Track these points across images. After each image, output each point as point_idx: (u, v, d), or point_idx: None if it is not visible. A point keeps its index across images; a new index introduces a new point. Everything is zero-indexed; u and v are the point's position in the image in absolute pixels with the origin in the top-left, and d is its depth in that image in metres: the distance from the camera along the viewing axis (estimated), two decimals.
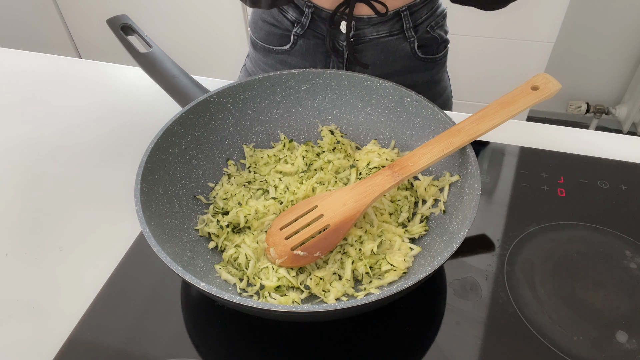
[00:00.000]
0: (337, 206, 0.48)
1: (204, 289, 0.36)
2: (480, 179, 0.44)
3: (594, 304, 0.46)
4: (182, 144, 0.53)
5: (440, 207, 0.50)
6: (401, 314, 0.45)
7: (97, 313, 0.47)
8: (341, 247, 0.48)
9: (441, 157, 0.48)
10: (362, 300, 0.35)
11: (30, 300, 0.48)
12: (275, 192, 0.54)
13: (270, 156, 0.58)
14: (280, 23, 0.74)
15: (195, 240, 0.50)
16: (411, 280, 0.36)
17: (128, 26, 0.62)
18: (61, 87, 0.79)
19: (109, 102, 0.75)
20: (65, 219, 0.57)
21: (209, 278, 0.46)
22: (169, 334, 0.45)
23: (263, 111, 0.59)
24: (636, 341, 0.43)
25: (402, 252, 0.47)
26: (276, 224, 0.49)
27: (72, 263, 0.52)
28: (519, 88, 0.49)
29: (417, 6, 0.70)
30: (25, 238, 0.55)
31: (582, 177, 0.58)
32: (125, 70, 0.82)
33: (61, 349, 0.44)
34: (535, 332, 0.44)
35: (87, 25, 2.01)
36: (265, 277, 0.46)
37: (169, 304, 0.47)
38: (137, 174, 0.45)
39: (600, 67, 1.95)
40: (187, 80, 0.58)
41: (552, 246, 0.51)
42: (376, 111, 0.58)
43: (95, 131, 0.70)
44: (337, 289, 0.45)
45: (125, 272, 0.50)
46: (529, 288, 0.47)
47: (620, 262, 0.49)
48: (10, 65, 0.84)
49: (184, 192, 0.52)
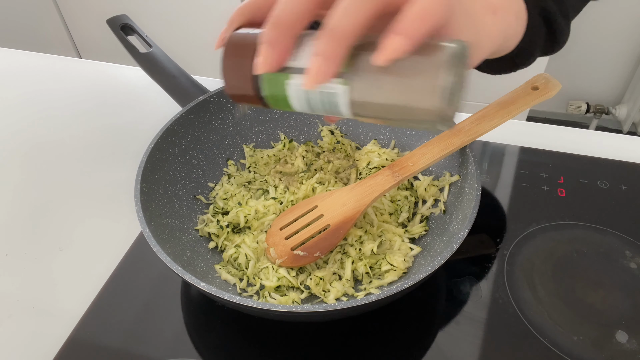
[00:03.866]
0: (337, 206, 0.48)
1: (204, 289, 0.36)
2: (480, 179, 0.44)
3: (594, 304, 0.46)
4: (182, 144, 0.53)
5: (440, 207, 0.50)
6: (401, 314, 0.45)
7: (97, 313, 0.47)
8: (341, 247, 0.48)
9: (441, 157, 0.48)
10: (362, 300, 0.35)
11: (30, 300, 0.48)
12: (275, 192, 0.54)
13: (270, 156, 0.58)
14: None
15: (195, 240, 0.50)
16: (411, 280, 0.36)
17: (128, 26, 0.62)
18: (61, 87, 0.79)
19: (109, 102, 0.75)
20: (65, 219, 0.57)
21: (209, 278, 0.46)
22: (169, 334, 0.45)
23: (263, 111, 0.59)
24: (636, 341, 0.43)
25: (402, 252, 0.47)
26: (276, 224, 0.49)
27: (72, 263, 0.52)
28: (519, 88, 0.49)
29: None
30: (25, 238, 0.55)
31: (582, 177, 0.58)
32: (125, 70, 0.82)
33: (61, 349, 0.44)
34: (535, 332, 0.44)
35: (87, 25, 2.01)
36: (265, 277, 0.46)
37: (169, 304, 0.47)
38: (137, 174, 0.45)
39: (600, 67, 1.95)
40: (187, 80, 0.58)
41: (552, 246, 0.51)
42: None
43: (95, 131, 0.70)
44: (337, 289, 0.45)
45: (125, 272, 0.50)
46: (529, 288, 0.47)
47: (620, 262, 0.49)
48: (10, 65, 0.84)
49: (184, 192, 0.52)
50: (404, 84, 0.27)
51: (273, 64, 0.28)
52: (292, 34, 0.28)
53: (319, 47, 0.26)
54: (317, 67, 0.27)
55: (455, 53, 0.26)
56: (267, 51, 0.28)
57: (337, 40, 0.26)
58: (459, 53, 0.27)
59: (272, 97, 0.31)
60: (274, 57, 0.28)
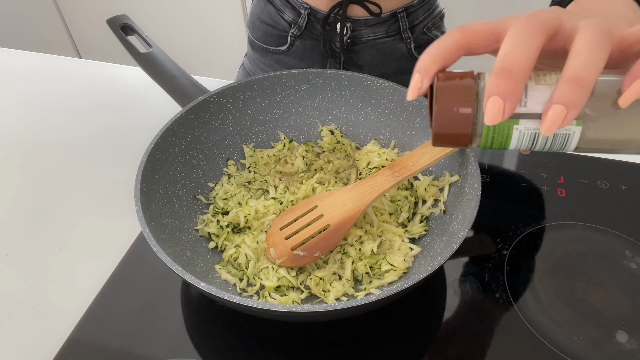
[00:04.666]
0: (337, 206, 0.48)
1: (204, 289, 0.36)
2: (480, 179, 0.44)
3: (594, 304, 0.46)
4: (182, 144, 0.53)
5: (440, 207, 0.50)
6: (401, 314, 0.45)
7: (97, 313, 0.47)
8: (341, 247, 0.48)
9: (441, 157, 0.48)
10: (362, 300, 0.35)
11: (30, 300, 0.48)
12: (275, 192, 0.54)
13: (270, 156, 0.58)
14: (278, 24, 0.74)
15: (195, 240, 0.50)
16: (411, 280, 0.36)
17: (128, 26, 0.62)
18: (61, 87, 0.79)
19: (109, 102, 0.75)
20: (65, 219, 0.57)
21: (209, 278, 0.46)
22: (169, 334, 0.45)
23: (263, 111, 0.59)
24: (636, 341, 0.43)
25: (402, 252, 0.47)
26: (276, 224, 0.49)
27: (72, 263, 0.52)
28: None
29: (414, 7, 0.70)
30: (25, 238, 0.55)
31: (582, 177, 0.58)
32: (125, 70, 0.82)
33: (61, 349, 0.44)
34: (535, 332, 0.44)
35: (87, 25, 2.00)
36: (265, 277, 0.46)
37: (169, 304, 0.47)
38: (137, 174, 0.45)
39: None
40: (187, 80, 0.58)
41: (552, 246, 0.51)
42: (376, 111, 0.58)
43: (95, 131, 0.70)
44: (337, 289, 0.45)
45: (125, 272, 0.50)
46: (529, 288, 0.47)
47: (620, 262, 0.49)
48: (10, 65, 0.84)
49: (184, 192, 0.52)
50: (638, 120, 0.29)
51: (505, 115, 0.28)
52: (525, 81, 0.27)
53: (561, 93, 0.26)
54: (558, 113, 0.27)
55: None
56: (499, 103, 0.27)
57: (581, 88, 0.26)
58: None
59: (490, 140, 0.30)
60: (508, 108, 0.27)
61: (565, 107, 0.27)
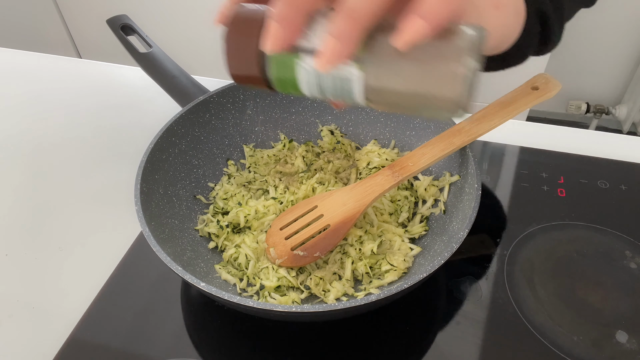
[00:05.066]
0: (337, 206, 0.48)
1: (204, 289, 0.36)
2: (480, 179, 0.44)
3: (594, 304, 0.46)
4: (182, 144, 0.53)
5: (440, 207, 0.50)
6: (401, 314, 0.45)
7: (97, 313, 0.47)
8: (341, 247, 0.48)
9: (441, 157, 0.48)
10: (362, 300, 0.35)
11: (30, 300, 0.48)
12: (275, 192, 0.54)
13: (270, 156, 0.58)
14: None
15: (195, 240, 0.50)
16: (411, 280, 0.36)
17: (128, 26, 0.62)
18: (61, 87, 0.79)
19: (109, 102, 0.75)
20: (65, 219, 0.57)
21: (209, 278, 0.46)
22: (169, 334, 0.45)
23: (263, 111, 0.59)
24: (636, 341, 0.43)
25: (402, 252, 0.47)
26: (276, 224, 0.49)
27: (72, 263, 0.52)
28: (518, 88, 0.49)
29: None
30: (25, 238, 0.55)
31: (582, 177, 0.58)
32: (125, 70, 0.82)
33: (61, 349, 0.44)
34: (535, 332, 0.44)
35: (87, 25, 2.00)
36: (265, 277, 0.46)
37: (169, 304, 0.47)
38: (137, 174, 0.45)
39: (600, 67, 1.95)
40: (187, 80, 0.58)
41: (552, 246, 0.51)
42: (376, 111, 0.58)
43: (95, 131, 0.70)
44: (337, 289, 0.45)
45: (125, 272, 0.50)
46: (529, 288, 0.47)
47: (620, 262, 0.49)
48: (10, 65, 0.84)
49: (184, 192, 0.52)
50: (424, 70, 0.25)
51: (282, 43, 0.26)
52: (304, 10, 0.26)
53: (335, 26, 0.25)
54: (332, 47, 0.25)
55: (477, 38, 0.25)
56: (276, 28, 0.26)
57: (354, 21, 0.25)
58: (480, 39, 0.25)
59: (280, 79, 0.29)
60: (284, 35, 0.26)
61: (338, 40, 0.25)
